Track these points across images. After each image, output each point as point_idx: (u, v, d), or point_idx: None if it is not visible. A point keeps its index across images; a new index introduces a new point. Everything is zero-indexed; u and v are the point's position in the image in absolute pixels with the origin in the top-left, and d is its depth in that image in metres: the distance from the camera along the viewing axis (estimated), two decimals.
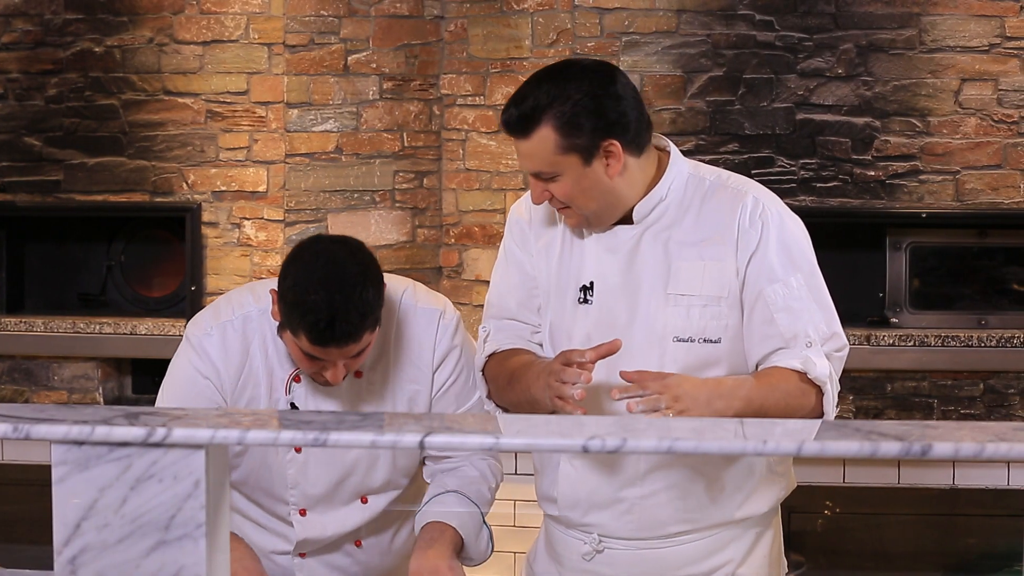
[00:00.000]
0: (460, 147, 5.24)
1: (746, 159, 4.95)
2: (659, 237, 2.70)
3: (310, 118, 5.10)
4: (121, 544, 2.02)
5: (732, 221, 2.67)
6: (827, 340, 2.67)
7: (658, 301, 2.68)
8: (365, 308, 2.61)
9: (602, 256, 2.73)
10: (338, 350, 2.62)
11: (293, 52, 5.08)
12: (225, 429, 2.00)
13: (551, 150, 2.61)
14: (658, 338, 2.67)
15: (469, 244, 5.20)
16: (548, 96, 2.60)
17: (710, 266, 2.67)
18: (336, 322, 2.58)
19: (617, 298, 2.70)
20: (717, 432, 2.12)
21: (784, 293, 2.64)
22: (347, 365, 2.67)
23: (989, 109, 4.93)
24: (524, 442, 2.09)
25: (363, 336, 2.62)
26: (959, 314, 5.06)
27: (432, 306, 2.85)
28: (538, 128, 2.60)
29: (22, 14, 5.28)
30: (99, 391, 5.22)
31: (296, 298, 2.61)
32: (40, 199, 5.31)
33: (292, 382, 2.78)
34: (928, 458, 1.92)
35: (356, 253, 2.68)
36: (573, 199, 2.65)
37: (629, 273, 2.70)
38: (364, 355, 2.69)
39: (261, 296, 2.79)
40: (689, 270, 2.67)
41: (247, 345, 2.78)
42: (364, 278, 2.63)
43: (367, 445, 2.01)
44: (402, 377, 2.82)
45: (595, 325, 2.70)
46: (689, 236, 2.69)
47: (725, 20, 4.97)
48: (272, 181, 5.09)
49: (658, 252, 2.70)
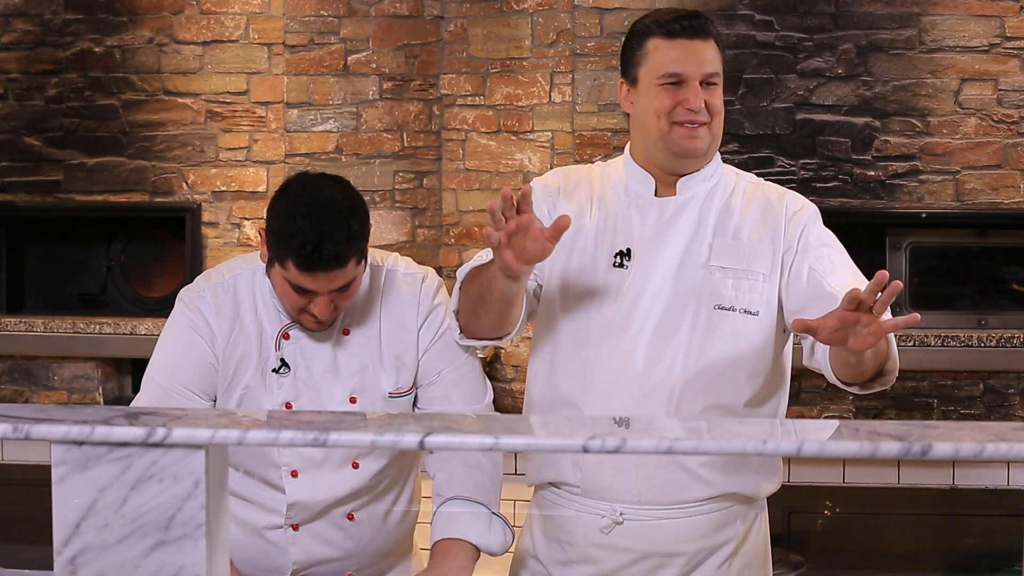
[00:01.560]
0: (460, 147, 5.24)
1: (746, 159, 4.95)
2: (699, 212, 2.86)
3: (310, 118, 5.10)
4: (121, 544, 2.02)
5: (777, 211, 2.87)
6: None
7: (699, 271, 2.81)
8: (351, 233, 2.66)
9: (644, 227, 2.85)
10: (325, 275, 2.66)
11: (293, 52, 5.08)
12: (225, 429, 2.00)
13: (719, 55, 2.88)
14: (695, 305, 2.79)
15: (469, 244, 5.20)
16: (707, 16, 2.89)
17: (750, 245, 2.83)
18: (324, 245, 2.63)
19: (655, 264, 2.82)
20: (716, 432, 2.12)
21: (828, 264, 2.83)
22: (333, 300, 2.71)
23: (989, 109, 4.93)
24: (524, 442, 2.09)
25: (349, 263, 2.67)
26: (959, 314, 5.06)
27: (415, 271, 2.92)
28: (711, 35, 2.86)
29: (22, 14, 5.28)
30: (99, 391, 5.22)
31: (283, 226, 2.68)
32: (40, 199, 5.31)
33: (281, 339, 2.82)
34: (928, 458, 1.92)
35: (343, 186, 2.75)
36: (720, 112, 2.88)
37: (667, 242, 2.83)
38: (351, 291, 2.73)
39: (250, 260, 2.88)
40: (733, 247, 2.83)
41: (238, 304, 2.83)
42: (351, 207, 2.70)
43: (367, 445, 2.01)
44: (390, 335, 2.86)
45: (631, 289, 2.80)
46: (727, 217, 2.86)
47: (725, 20, 4.97)
48: (272, 181, 5.09)
49: (700, 227, 2.85)
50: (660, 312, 2.78)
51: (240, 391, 2.82)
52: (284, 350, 2.82)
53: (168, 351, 2.85)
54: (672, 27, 2.82)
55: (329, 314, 2.73)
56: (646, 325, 2.79)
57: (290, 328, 2.82)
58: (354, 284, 2.73)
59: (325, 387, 2.82)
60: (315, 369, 2.82)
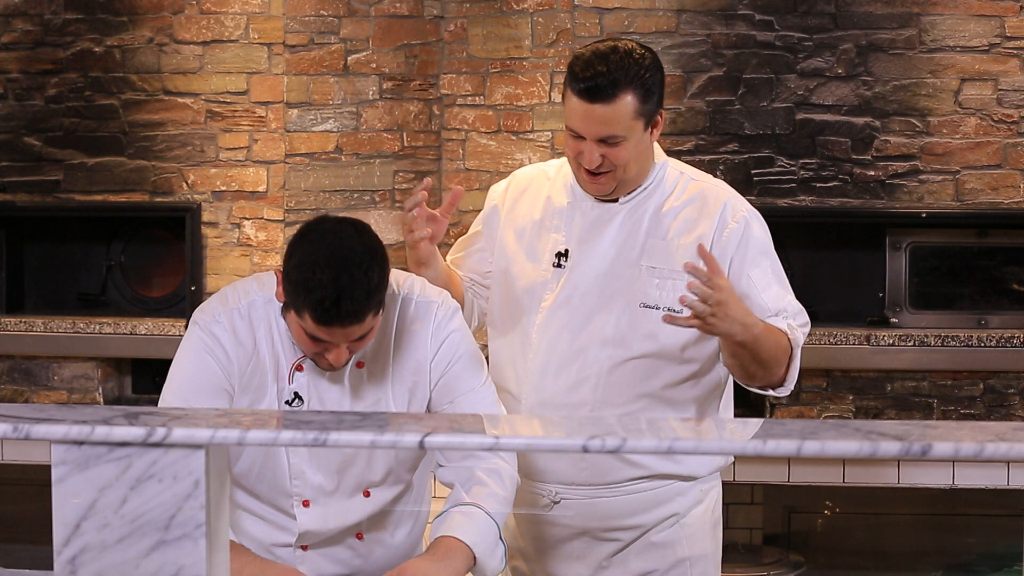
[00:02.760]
0: (460, 147, 5.24)
1: (746, 159, 4.95)
2: (639, 215, 2.98)
3: (310, 118, 5.10)
4: (121, 544, 2.02)
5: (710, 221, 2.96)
6: (796, 315, 2.96)
7: (630, 270, 2.95)
8: (371, 288, 2.61)
9: (583, 229, 3.01)
10: (342, 331, 2.62)
11: (293, 52, 5.08)
12: (225, 429, 2.00)
13: (629, 115, 2.87)
14: (623, 303, 2.95)
15: None
16: (629, 64, 2.87)
17: (682, 246, 2.93)
18: (342, 301, 2.58)
19: (590, 265, 2.98)
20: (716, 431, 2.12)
21: (762, 277, 2.94)
22: (350, 348, 2.68)
23: (989, 109, 4.93)
24: (524, 442, 2.09)
25: (367, 317, 2.63)
26: (959, 314, 5.06)
27: (430, 298, 2.87)
28: (622, 94, 2.85)
29: (22, 14, 5.28)
30: (99, 391, 5.22)
31: (301, 277, 2.61)
32: (40, 199, 5.31)
33: (295, 371, 2.78)
34: (928, 458, 1.92)
35: (362, 233, 2.68)
36: (627, 163, 2.92)
37: (605, 243, 2.98)
38: (367, 339, 2.69)
39: (266, 284, 2.81)
40: (663, 247, 2.95)
41: (253, 333, 2.78)
42: (370, 258, 2.63)
43: (367, 445, 2.01)
44: (402, 368, 2.83)
45: (566, 287, 2.99)
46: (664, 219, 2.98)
47: (725, 20, 4.97)
48: (272, 181, 5.09)
49: (637, 228, 2.98)
50: (587, 310, 2.97)
51: None
52: (297, 382, 2.79)
53: (184, 376, 2.79)
54: (577, 85, 2.88)
55: (345, 361, 2.70)
56: (572, 321, 2.97)
57: (303, 360, 2.78)
58: (370, 333, 2.69)
59: None
60: (328, 402, 2.79)
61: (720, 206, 2.97)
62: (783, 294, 2.96)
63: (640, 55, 2.91)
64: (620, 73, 2.85)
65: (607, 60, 2.87)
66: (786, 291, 2.98)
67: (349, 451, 2.81)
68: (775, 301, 2.93)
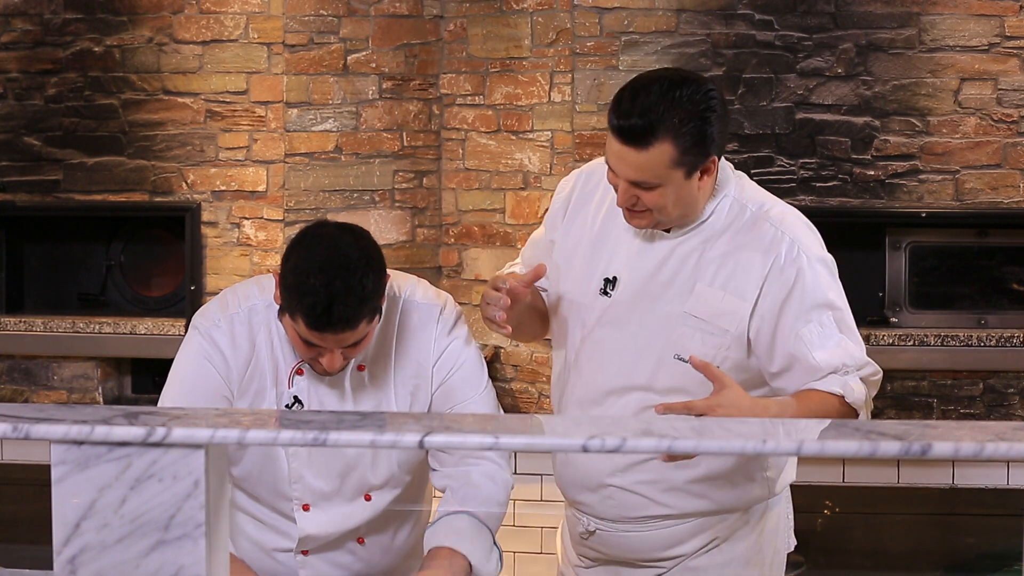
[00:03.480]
0: (460, 147, 5.24)
1: (746, 159, 4.95)
2: (691, 255, 2.76)
3: (310, 118, 5.10)
4: (121, 544, 2.01)
5: (764, 263, 2.72)
6: (862, 367, 2.73)
7: (673, 316, 2.75)
8: (364, 295, 2.60)
9: (634, 256, 2.79)
10: (334, 336, 2.61)
11: (292, 52, 5.08)
12: (225, 429, 2.00)
13: (664, 164, 2.62)
14: (659, 350, 2.75)
15: (469, 244, 5.20)
16: (670, 110, 2.60)
17: (729, 298, 2.72)
18: (334, 307, 2.57)
19: (636, 300, 2.77)
20: (716, 432, 2.12)
21: (819, 332, 2.70)
22: (345, 355, 2.67)
23: (989, 109, 4.93)
24: (524, 442, 2.09)
25: (360, 324, 2.61)
26: (959, 314, 5.06)
27: (433, 302, 2.85)
28: (657, 142, 2.60)
29: (22, 14, 5.28)
30: (99, 391, 5.22)
31: (296, 281, 2.61)
32: (40, 199, 5.31)
33: (295, 375, 2.78)
34: (928, 458, 1.92)
35: (359, 240, 2.67)
36: (662, 208, 2.68)
37: (653, 281, 2.77)
38: (362, 346, 2.68)
39: (266, 288, 2.80)
40: (710, 296, 2.73)
41: (253, 337, 2.78)
42: (366, 265, 2.62)
43: (366, 445, 2.01)
44: (404, 372, 2.81)
45: (607, 319, 2.79)
46: (720, 263, 2.74)
47: (724, 20, 4.97)
48: (272, 181, 5.08)
49: (687, 269, 2.76)
50: (622, 347, 2.77)
51: None
52: (297, 387, 2.78)
53: (181, 381, 2.80)
54: (614, 122, 2.64)
55: (339, 366, 2.69)
56: (608, 359, 2.79)
57: (304, 364, 2.77)
58: (365, 340, 2.67)
59: None
60: (328, 406, 2.78)
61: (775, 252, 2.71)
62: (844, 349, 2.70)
63: (688, 96, 2.61)
64: (657, 120, 2.58)
65: (645, 100, 2.60)
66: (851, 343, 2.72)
67: (350, 454, 2.81)
68: (831, 358, 2.68)
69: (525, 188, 5.10)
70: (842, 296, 2.78)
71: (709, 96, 2.65)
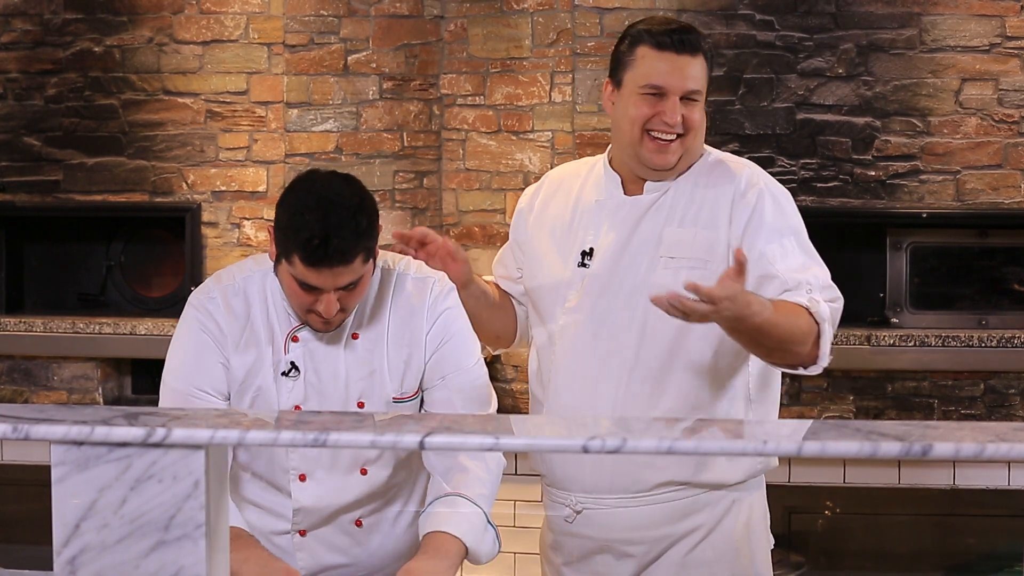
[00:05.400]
0: (460, 147, 5.24)
1: (746, 159, 4.94)
2: (660, 210, 2.92)
3: (310, 118, 5.10)
4: (121, 544, 2.01)
5: (728, 193, 2.90)
6: (824, 288, 2.81)
7: (649, 263, 2.88)
8: (359, 231, 2.64)
9: (606, 224, 2.95)
10: (331, 271, 2.63)
11: (293, 52, 5.07)
12: (225, 429, 2.00)
13: (706, 74, 2.90)
14: (643, 295, 2.80)
15: (469, 244, 5.20)
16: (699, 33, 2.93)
17: (700, 233, 2.87)
18: (330, 239, 2.60)
19: (613, 262, 2.91)
20: (716, 432, 2.12)
21: (781, 251, 2.83)
22: (342, 301, 2.69)
23: (989, 109, 4.93)
24: (524, 442, 2.09)
25: (356, 259, 2.64)
26: (959, 314, 5.06)
27: (427, 275, 2.90)
28: (701, 52, 2.89)
29: (22, 14, 5.28)
30: (99, 391, 5.21)
31: (290, 220, 2.64)
32: (40, 199, 5.31)
33: (290, 341, 2.80)
34: (928, 458, 1.92)
35: (352, 183, 2.73)
36: (699, 127, 2.92)
37: (628, 241, 2.92)
38: (358, 292, 2.71)
39: (262, 261, 2.85)
40: (681, 234, 2.88)
41: (248, 305, 2.81)
42: (360, 203, 2.67)
43: (367, 445, 2.01)
44: (398, 340, 2.84)
45: (588, 285, 2.92)
46: (687, 205, 2.91)
47: (725, 20, 4.96)
48: (272, 181, 5.08)
49: (657, 221, 2.91)
50: (605, 308, 2.89)
51: (252, 393, 2.80)
52: (293, 353, 2.80)
53: (180, 355, 2.83)
54: (662, 39, 2.86)
55: (336, 313, 2.70)
56: (592, 321, 2.90)
57: (299, 331, 2.79)
58: (361, 283, 2.70)
59: (333, 391, 2.81)
60: (323, 373, 2.80)
61: (735, 180, 2.91)
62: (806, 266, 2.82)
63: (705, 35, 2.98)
64: (696, 35, 2.90)
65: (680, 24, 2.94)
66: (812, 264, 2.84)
67: None
68: (795, 273, 2.80)
69: (526, 188, 5.10)
70: (802, 224, 2.93)
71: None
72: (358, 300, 2.74)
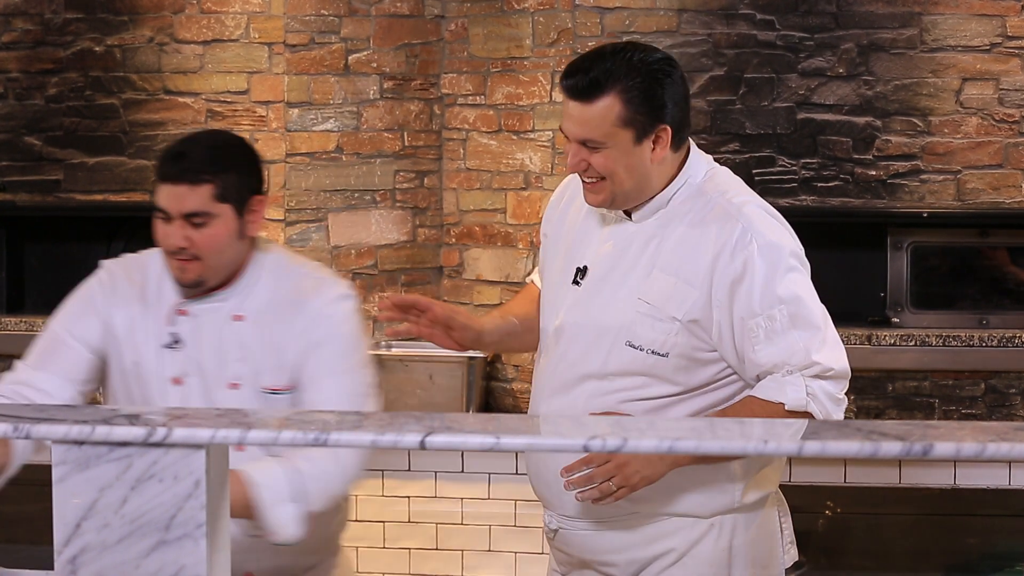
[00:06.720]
0: (461, 147, 5.24)
1: (747, 159, 4.95)
2: (652, 241, 2.76)
3: (310, 118, 5.10)
4: (121, 544, 2.01)
5: (715, 249, 2.68)
6: (808, 367, 2.66)
7: (629, 303, 2.74)
8: (214, 158, 2.76)
9: (600, 245, 2.82)
10: (175, 190, 2.73)
11: (293, 52, 5.07)
12: (225, 429, 2.00)
13: (611, 120, 2.64)
14: (613, 336, 2.74)
15: (470, 244, 5.19)
16: (619, 67, 2.64)
17: (679, 285, 2.70)
18: (183, 156, 2.75)
19: (600, 287, 2.79)
20: (717, 432, 2.11)
21: (766, 326, 2.64)
22: (190, 239, 2.74)
23: (990, 109, 4.93)
24: (524, 442, 2.09)
25: (204, 185, 2.73)
26: (960, 314, 5.05)
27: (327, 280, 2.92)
28: (604, 96, 2.64)
29: (22, 13, 5.28)
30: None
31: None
32: (40, 199, 5.31)
33: (176, 315, 2.85)
34: (929, 458, 1.92)
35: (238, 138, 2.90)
36: (613, 173, 2.67)
37: (615, 268, 2.78)
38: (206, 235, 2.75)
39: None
40: (663, 282, 2.72)
41: (146, 279, 2.90)
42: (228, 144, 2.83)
43: (367, 445, 2.01)
44: (282, 332, 2.83)
45: (573, 306, 2.81)
46: (674, 249, 2.73)
47: (726, 19, 4.96)
48: (272, 181, 5.08)
49: (647, 255, 2.75)
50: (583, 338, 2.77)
51: (133, 357, 2.86)
52: (179, 326, 2.85)
53: (69, 302, 2.96)
54: (565, 82, 2.71)
55: (180, 244, 2.75)
56: (570, 347, 2.80)
57: (186, 305, 2.85)
58: (212, 227, 2.76)
59: (211, 369, 2.83)
60: (205, 349, 2.84)
61: (724, 239, 2.66)
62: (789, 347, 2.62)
63: (639, 60, 2.65)
64: (604, 74, 2.62)
65: (597, 59, 2.66)
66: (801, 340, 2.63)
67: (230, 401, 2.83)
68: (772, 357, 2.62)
69: (526, 188, 5.10)
70: (801, 286, 2.68)
71: (666, 63, 2.68)
72: (211, 250, 2.77)
